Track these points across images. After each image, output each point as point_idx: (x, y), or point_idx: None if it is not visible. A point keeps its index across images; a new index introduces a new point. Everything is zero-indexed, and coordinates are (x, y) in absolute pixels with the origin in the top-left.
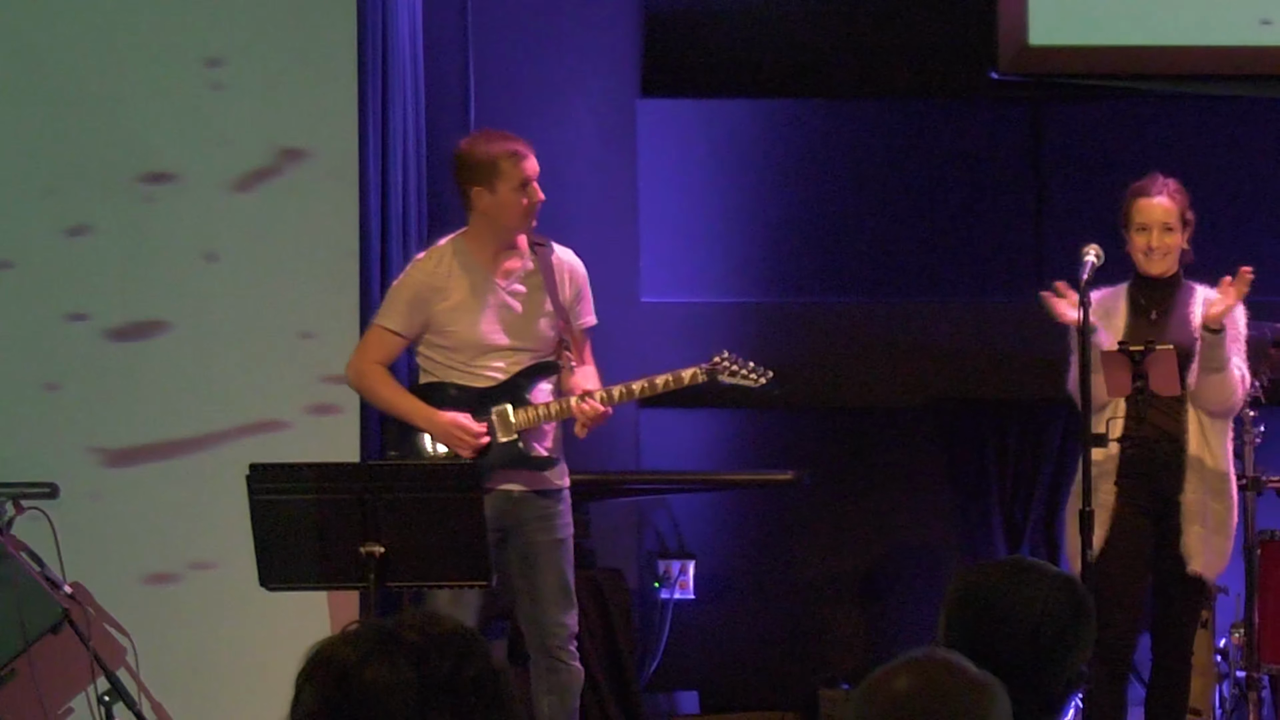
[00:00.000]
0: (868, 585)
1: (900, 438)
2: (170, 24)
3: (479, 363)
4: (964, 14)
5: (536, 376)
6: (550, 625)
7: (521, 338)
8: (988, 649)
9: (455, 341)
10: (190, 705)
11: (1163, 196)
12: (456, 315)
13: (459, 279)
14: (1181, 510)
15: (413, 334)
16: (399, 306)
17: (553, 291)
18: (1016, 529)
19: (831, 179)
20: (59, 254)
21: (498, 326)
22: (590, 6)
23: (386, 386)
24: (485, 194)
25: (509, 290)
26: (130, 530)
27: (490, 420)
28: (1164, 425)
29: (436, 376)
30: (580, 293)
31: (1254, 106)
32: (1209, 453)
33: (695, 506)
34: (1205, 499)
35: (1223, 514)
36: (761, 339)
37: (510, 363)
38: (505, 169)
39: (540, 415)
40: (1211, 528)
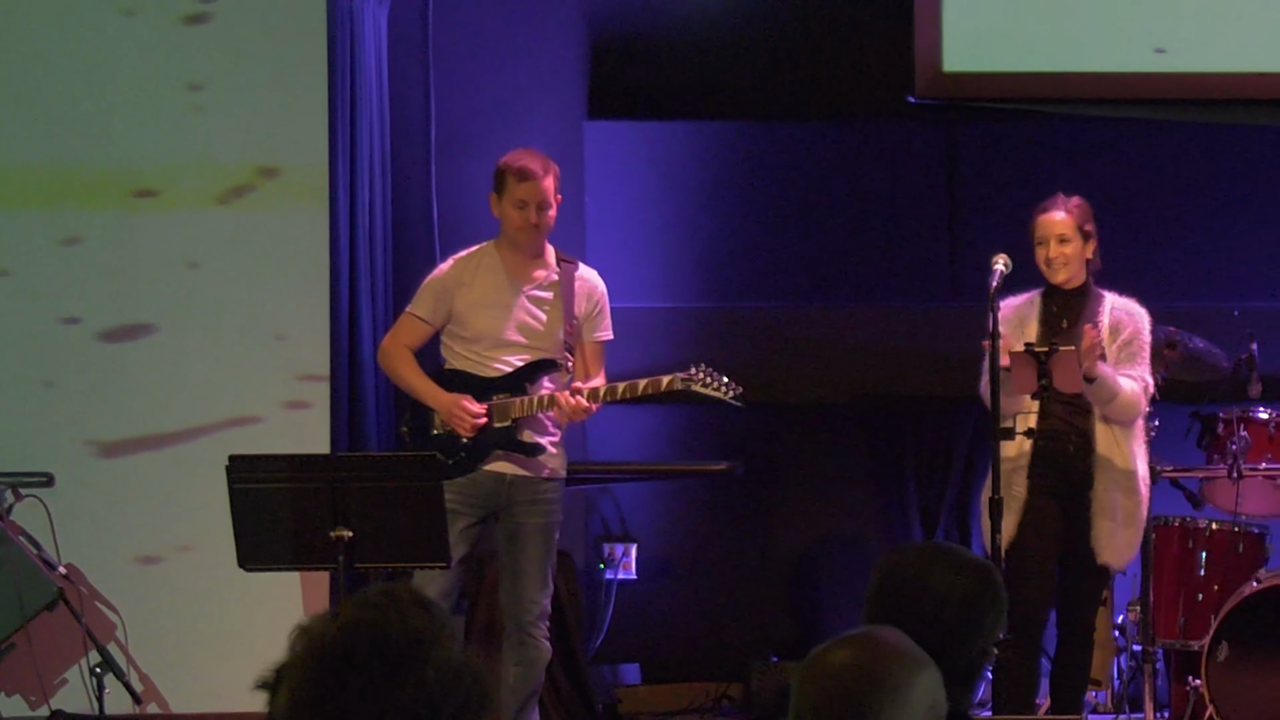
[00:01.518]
0: (796, 567)
1: (826, 432)
2: (156, 52)
3: (491, 354)
4: (884, 43)
5: (539, 372)
6: (526, 602)
7: (533, 339)
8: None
9: (473, 333)
10: (174, 676)
11: (1059, 211)
12: (477, 310)
13: (485, 278)
14: (1091, 505)
15: (438, 322)
16: (428, 297)
17: (568, 304)
18: (931, 515)
19: (763, 195)
20: (54, 263)
21: (512, 326)
22: (541, 36)
23: (406, 365)
24: (496, 202)
25: (529, 295)
26: (120, 516)
27: (490, 406)
28: (1074, 421)
29: (454, 364)
30: (598, 309)
31: (1148, 128)
32: (1117, 451)
33: (637, 494)
34: (1114, 494)
35: (1132, 509)
36: (698, 341)
37: (520, 359)
38: (509, 184)
39: (534, 405)
40: (1120, 521)
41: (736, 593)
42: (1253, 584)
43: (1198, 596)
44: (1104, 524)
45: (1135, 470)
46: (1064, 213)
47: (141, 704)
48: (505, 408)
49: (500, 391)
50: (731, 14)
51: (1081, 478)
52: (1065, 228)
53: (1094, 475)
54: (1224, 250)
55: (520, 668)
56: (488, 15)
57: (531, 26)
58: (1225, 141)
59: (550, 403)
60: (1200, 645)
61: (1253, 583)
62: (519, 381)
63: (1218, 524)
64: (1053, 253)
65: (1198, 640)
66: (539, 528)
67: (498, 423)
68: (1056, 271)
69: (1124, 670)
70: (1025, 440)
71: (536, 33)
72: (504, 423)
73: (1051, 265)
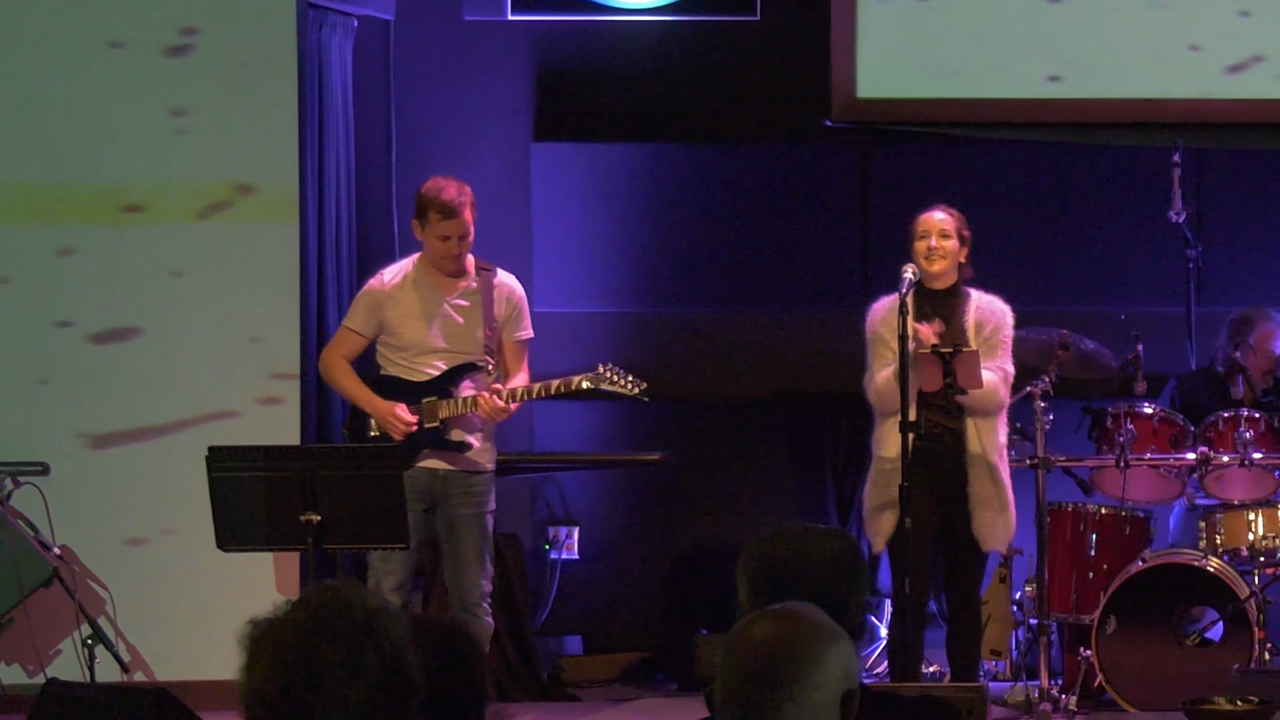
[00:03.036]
0: (722, 548)
1: (750, 426)
2: (141, 80)
3: (420, 360)
4: (803, 71)
5: (463, 375)
6: (467, 585)
7: (457, 344)
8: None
9: (402, 342)
10: (159, 647)
11: (940, 211)
12: (406, 321)
13: (412, 291)
14: (970, 500)
15: (371, 334)
16: (360, 311)
17: (488, 309)
18: (846, 502)
19: (693, 210)
20: (50, 272)
21: (438, 334)
22: (491, 65)
23: (343, 375)
24: (419, 229)
25: (452, 304)
26: (109, 502)
27: (420, 409)
28: (947, 423)
29: (387, 370)
30: (517, 311)
31: (1044, 149)
32: (984, 446)
33: (579, 482)
34: (987, 486)
35: (1004, 497)
36: (635, 342)
37: (446, 363)
38: (432, 219)
39: (459, 406)
40: (997, 510)
41: (669, 571)
42: (1138, 563)
43: (1088, 575)
44: (984, 515)
45: (998, 463)
46: (945, 212)
47: (129, 672)
48: (434, 410)
49: (429, 394)
50: (664, 45)
51: (956, 473)
52: (946, 224)
53: (968, 471)
54: (1112, 260)
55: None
56: (442, 47)
57: (483, 57)
58: (1112, 161)
59: (473, 404)
60: (1091, 619)
61: (1138, 562)
62: (445, 385)
63: (1106, 509)
64: (935, 243)
65: (1088, 614)
66: (472, 517)
67: (428, 423)
68: (934, 261)
69: (1021, 642)
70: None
71: (487, 62)
72: (433, 423)
73: (931, 255)
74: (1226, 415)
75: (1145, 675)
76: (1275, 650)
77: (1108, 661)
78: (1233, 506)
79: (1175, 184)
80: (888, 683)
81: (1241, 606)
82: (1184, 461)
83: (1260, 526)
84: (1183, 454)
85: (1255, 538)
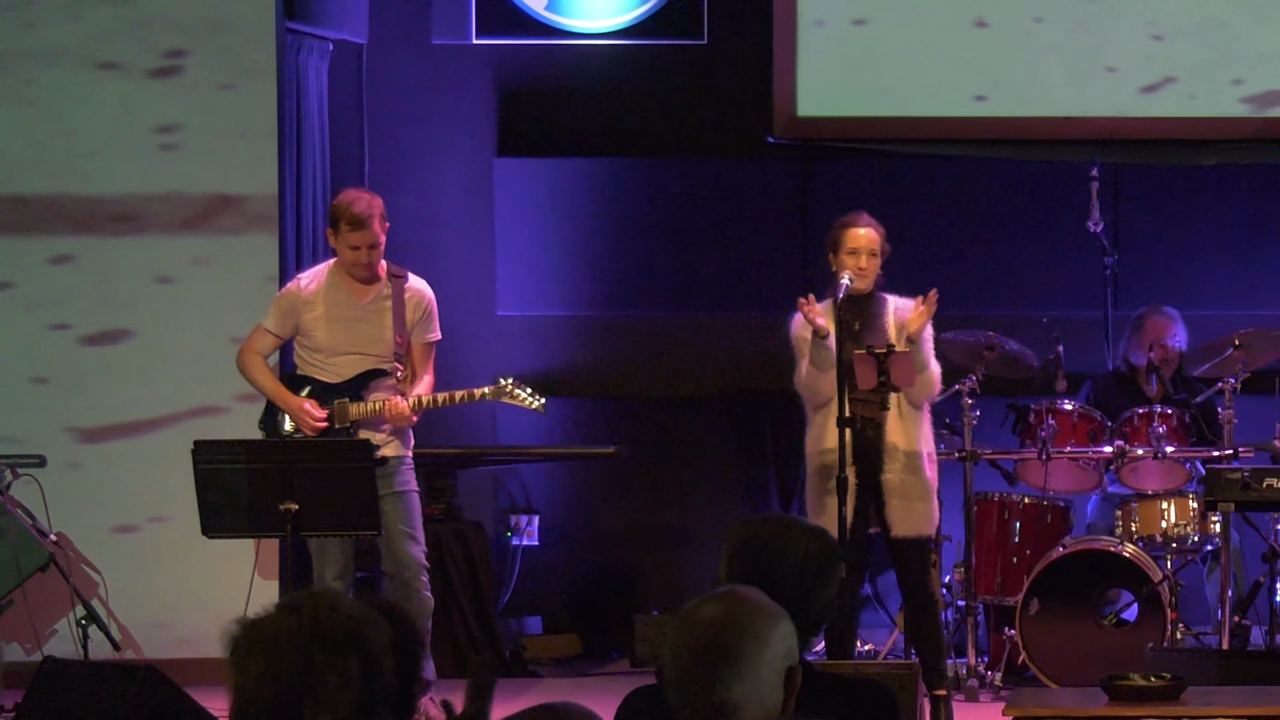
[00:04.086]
0: (672, 535)
1: (698, 421)
2: (131, 100)
3: (333, 362)
4: (747, 91)
5: (372, 379)
6: (400, 558)
7: (368, 347)
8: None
9: (317, 344)
10: (148, 627)
11: (869, 228)
12: (320, 324)
13: (324, 295)
14: (884, 487)
15: (285, 334)
16: (276, 313)
17: (399, 314)
18: (787, 492)
19: (646, 220)
20: (47, 278)
21: (350, 337)
22: (456, 86)
23: (257, 370)
24: (332, 238)
25: (363, 308)
26: (102, 491)
27: (333, 410)
28: (870, 415)
29: (302, 369)
30: (426, 314)
31: (972, 164)
32: (904, 437)
33: (539, 473)
34: (903, 476)
35: (922, 485)
36: (591, 344)
37: (357, 364)
38: (343, 230)
39: (367, 410)
40: (913, 497)
41: (622, 557)
42: (1059, 549)
43: (1013, 560)
44: (894, 502)
45: (920, 451)
46: (871, 228)
47: (120, 650)
48: (345, 412)
49: (340, 396)
50: (619, 67)
51: (876, 464)
52: (875, 244)
53: (884, 460)
54: (1035, 267)
55: None
56: (411, 68)
57: (449, 78)
58: (1035, 175)
59: (380, 408)
60: (1015, 601)
61: (1059, 548)
62: (355, 388)
63: (1029, 499)
64: (864, 264)
65: (1013, 597)
66: (394, 496)
67: (338, 424)
68: (862, 278)
69: (950, 622)
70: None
71: (453, 83)
72: (344, 424)
73: (862, 273)
74: (1141, 411)
75: (1065, 653)
76: (1187, 630)
77: (1031, 641)
78: (1146, 496)
79: (1093, 196)
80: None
81: (1155, 589)
82: (1101, 455)
83: (1172, 515)
84: (1100, 448)
85: (1168, 525)
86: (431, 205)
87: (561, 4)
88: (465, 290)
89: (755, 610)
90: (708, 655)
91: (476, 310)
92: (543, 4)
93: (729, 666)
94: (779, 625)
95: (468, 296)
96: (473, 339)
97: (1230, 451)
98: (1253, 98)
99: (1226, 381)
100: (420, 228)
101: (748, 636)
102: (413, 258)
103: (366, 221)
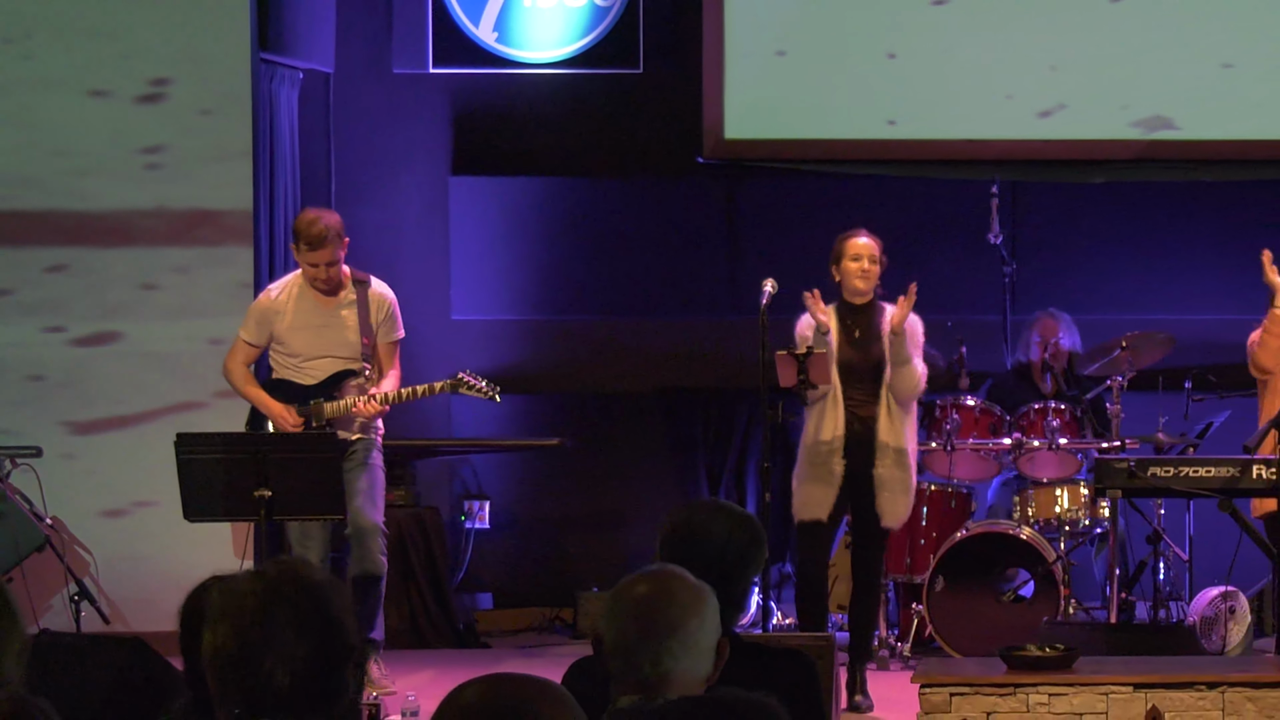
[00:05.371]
0: (611, 518)
1: (634, 415)
2: (119, 124)
3: (306, 366)
4: (678, 116)
5: (343, 380)
6: (360, 521)
7: (338, 350)
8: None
9: (290, 350)
10: (134, 602)
11: (869, 238)
12: (292, 332)
13: (295, 304)
14: (875, 480)
15: (262, 343)
16: (251, 324)
17: (364, 317)
18: (715, 479)
19: (588, 233)
20: (43, 285)
21: (321, 342)
22: (415, 112)
23: (244, 382)
24: (296, 252)
25: (330, 314)
26: (93, 479)
27: (308, 409)
28: (863, 413)
29: (279, 374)
30: (388, 316)
31: (883, 182)
32: (894, 434)
33: (490, 462)
34: (893, 470)
35: (907, 480)
36: (537, 345)
37: (328, 366)
38: (301, 247)
39: (341, 408)
40: (898, 491)
41: (566, 539)
42: (962, 532)
43: (920, 541)
44: (885, 495)
45: (907, 449)
46: (870, 238)
47: (109, 623)
48: (319, 410)
49: (315, 396)
50: (563, 94)
51: (867, 457)
52: (875, 250)
53: (875, 455)
54: (939, 275)
55: (358, 578)
56: (373, 95)
57: (407, 103)
58: (941, 193)
59: (352, 405)
60: (922, 579)
61: (962, 531)
62: (328, 388)
63: (935, 486)
64: (866, 267)
65: (920, 575)
66: (359, 465)
67: (315, 423)
68: (863, 282)
69: None
70: (839, 426)
71: (412, 109)
72: (319, 423)
73: (864, 277)
74: (1037, 406)
75: (968, 626)
76: (1078, 605)
77: (936, 615)
78: (1042, 484)
79: (993, 211)
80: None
81: (1049, 568)
82: (1001, 446)
83: (1065, 501)
84: (1000, 440)
85: (1061, 510)
86: (392, 219)
87: (510, 36)
88: (422, 296)
89: (682, 586)
90: (643, 629)
91: (433, 314)
92: (493, 36)
93: (669, 639)
94: (708, 600)
95: (425, 302)
96: (429, 341)
97: (1118, 443)
98: (1138, 122)
99: (1114, 379)
100: (382, 239)
101: (688, 613)
102: (375, 267)
103: (322, 242)
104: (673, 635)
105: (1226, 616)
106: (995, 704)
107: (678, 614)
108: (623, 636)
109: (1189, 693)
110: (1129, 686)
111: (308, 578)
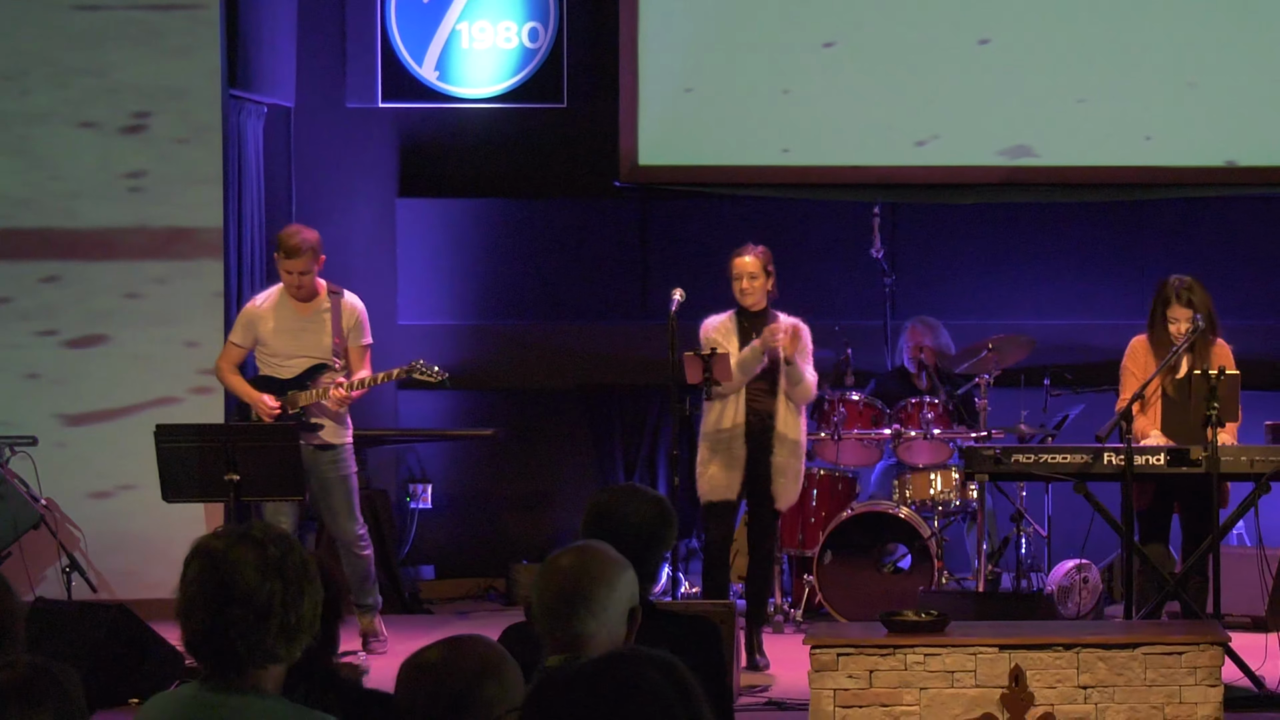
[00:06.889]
0: (540, 499)
1: (560, 409)
2: (105, 151)
3: (286, 363)
4: (598, 144)
5: (317, 373)
6: (341, 531)
7: (313, 350)
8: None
9: (272, 350)
10: (120, 573)
11: (749, 256)
12: (274, 335)
13: (276, 311)
14: (772, 467)
15: (248, 345)
16: (239, 328)
17: (336, 322)
18: (630, 466)
19: (518, 247)
20: (38, 294)
21: (298, 342)
22: (365, 138)
23: (231, 379)
24: (277, 259)
25: (306, 320)
26: (82, 465)
27: (286, 399)
28: (760, 406)
29: (262, 371)
30: (358, 323)
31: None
32: (790, 427)
33: (433, 450)
34: (789, 459)
35: (798, 468)
36: (475, 347)
37: (304, 363)
38: (280, 257)
39: (313, 396)
40: (791, 478)
41: (499, 517)
42: (848, 511)
43: (811, 520)
44: (780, 481)
45: (800, 440)
46: (753, 257)
47: (97, 592)
48: (295, 399)
49: (292, 388)
50: (496, 125)
51: (766, 445)
52: (754, 267)
53: (773, 444)
54: (827, 286)
55: (351, 568)
56: (329, 124)
57: (359, 131)
58: (829, 213)
59: (324, 393)
60: (812, 552)
61: (848, 510)
62: (303, 381)
63: (824, 470)
64: (745, 285)
65: (811, 549)
66: (337, 479)
67: (291, 410)
68: (747, 297)
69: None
70: (739, 415)
71: (363, 138)
72: (295, 410)
73: (745, 294)
74: (914, 401)
75: (853, 594)
76: (950, 576)
77: (825, 584)
78: (918, 469)
79: (875, 229)
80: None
81: (925, 543)
82: (882, 435)
83: (939, 484)
84: (881, 430)
85: (935, 492)
86: (346, 235)
87: (450, 75)
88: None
89: (604, 559)
90: (568, 597)
91: (381, 320)
92: (435, 75)
93: (584, 606)
94: (624, 573)
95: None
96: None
97: (985, 433)
98: (1004, 150)
99: (982, 377)
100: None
101: (600, 583)
102: (331, 277)
103: (297, 252)
104: (588, 603)
105: (1080, 586)
106: (877, 663)
107: (589, 584)
108: (547, 602)
109: (1048, 653)
110: (995, 647)
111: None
